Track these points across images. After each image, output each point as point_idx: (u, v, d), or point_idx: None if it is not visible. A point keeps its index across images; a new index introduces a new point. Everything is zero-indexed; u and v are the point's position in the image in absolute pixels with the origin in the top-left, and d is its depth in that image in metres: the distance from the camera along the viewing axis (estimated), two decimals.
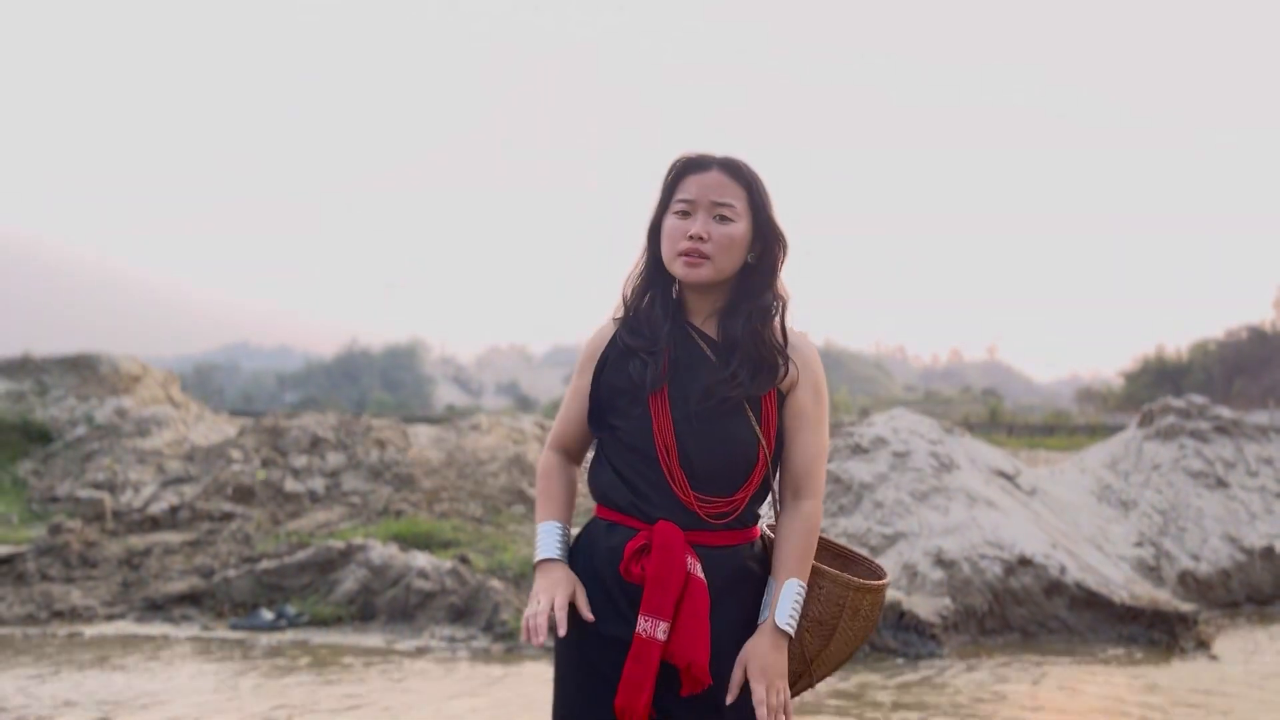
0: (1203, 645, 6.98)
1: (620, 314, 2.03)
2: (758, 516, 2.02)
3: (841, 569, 2.07)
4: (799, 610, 1.90)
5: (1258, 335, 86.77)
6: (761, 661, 1.86)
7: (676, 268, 1.94)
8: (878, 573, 2.06)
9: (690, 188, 1.95)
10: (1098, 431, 33.86)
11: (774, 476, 2.02)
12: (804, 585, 1.91)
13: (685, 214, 1.94)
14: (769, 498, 2.03)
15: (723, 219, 1.93)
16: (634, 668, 1.81)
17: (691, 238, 1.91)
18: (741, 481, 1.93)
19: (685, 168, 1.98)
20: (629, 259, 2.05)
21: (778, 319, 1.98)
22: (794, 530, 1.93)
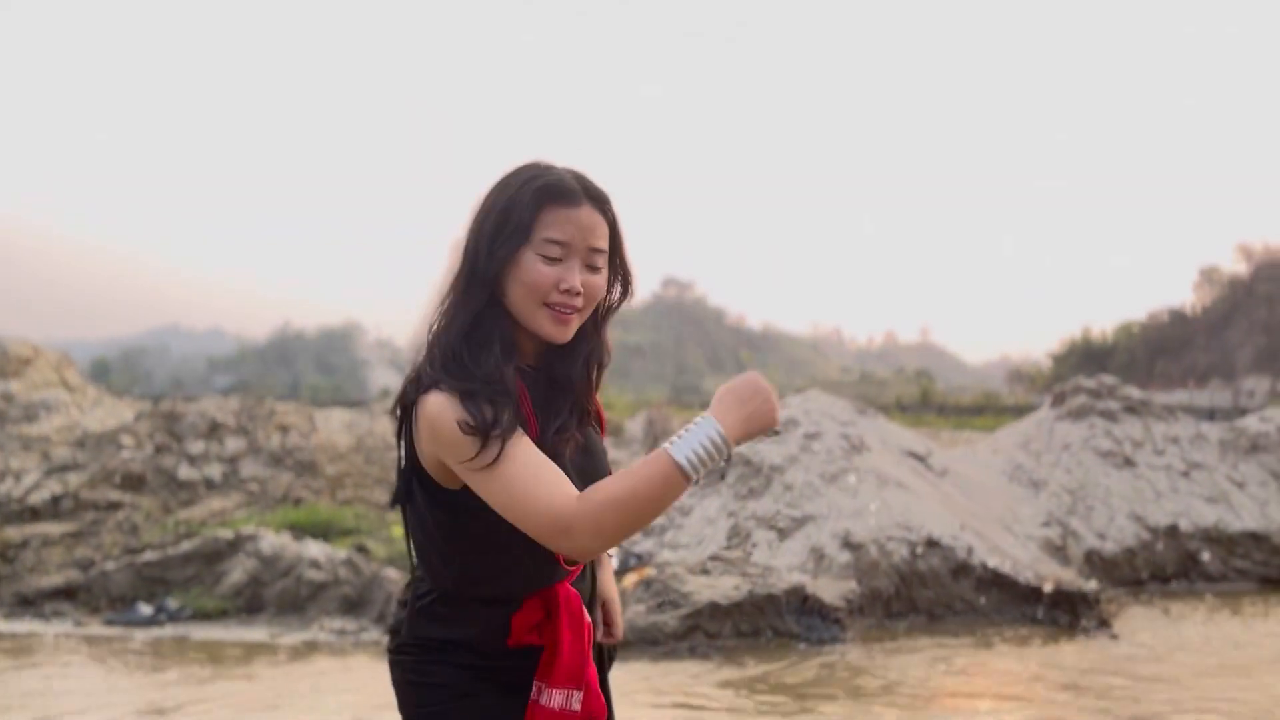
0: (1104, 624, 6.98)
1: (442, 360, 1.60)
2: None
3: None
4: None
5: (1178, 317, 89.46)
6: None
7: (540, 321, 1.62)
8: None
9: (561, 226, 1.60)
10: (1025, 411, 34.54)
11: None
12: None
13: (554, 260, 1.60)
14: None
15: (592, 268, 1.64)
16: None
17: (566, 291, 1.60)
18: None
19: (550, 195, 1.61)
20: None
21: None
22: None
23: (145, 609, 6.61)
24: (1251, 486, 9.69)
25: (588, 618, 1.71)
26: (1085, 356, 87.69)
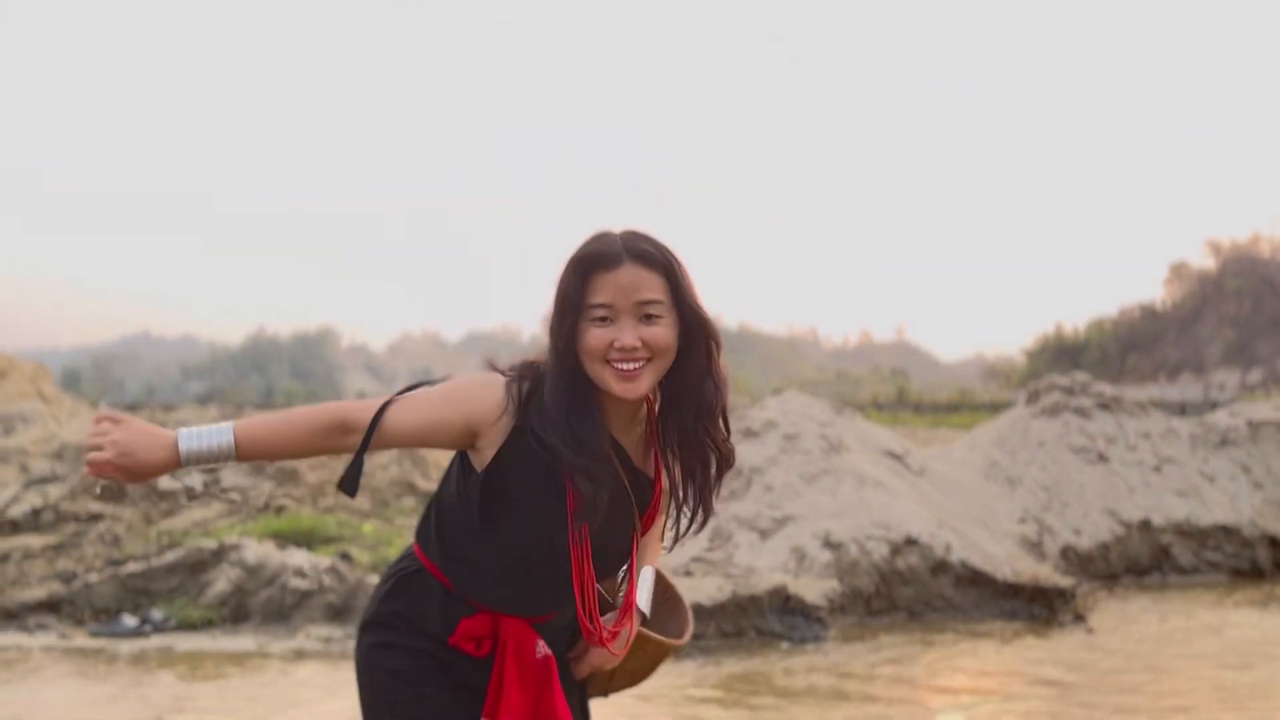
0: (1079, 618, 7.13)
1: (522, 417, 1.72)
2: None
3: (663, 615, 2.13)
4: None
5: (1149, 313, 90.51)
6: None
7: (608, 380, 1.69)
8: (683, 628, 2.11)
9: (603, 290, 1.69)
10: (1000, 408, 34.86)
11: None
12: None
13: (605, 320, 1.69)
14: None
15: (649, 318, 1.69)
16: None
17: (621, 349, 1.67)
18: None
19: (590, 266, 1.70)
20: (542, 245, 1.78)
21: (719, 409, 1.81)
22: (653, 546, 2.01)
23: (130, 620, 6.61)
24: (1222, 480, 9.89)
25: (543, 651, 1.81)
26: (1058, 353, 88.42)
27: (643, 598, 1.94)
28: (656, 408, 1.82)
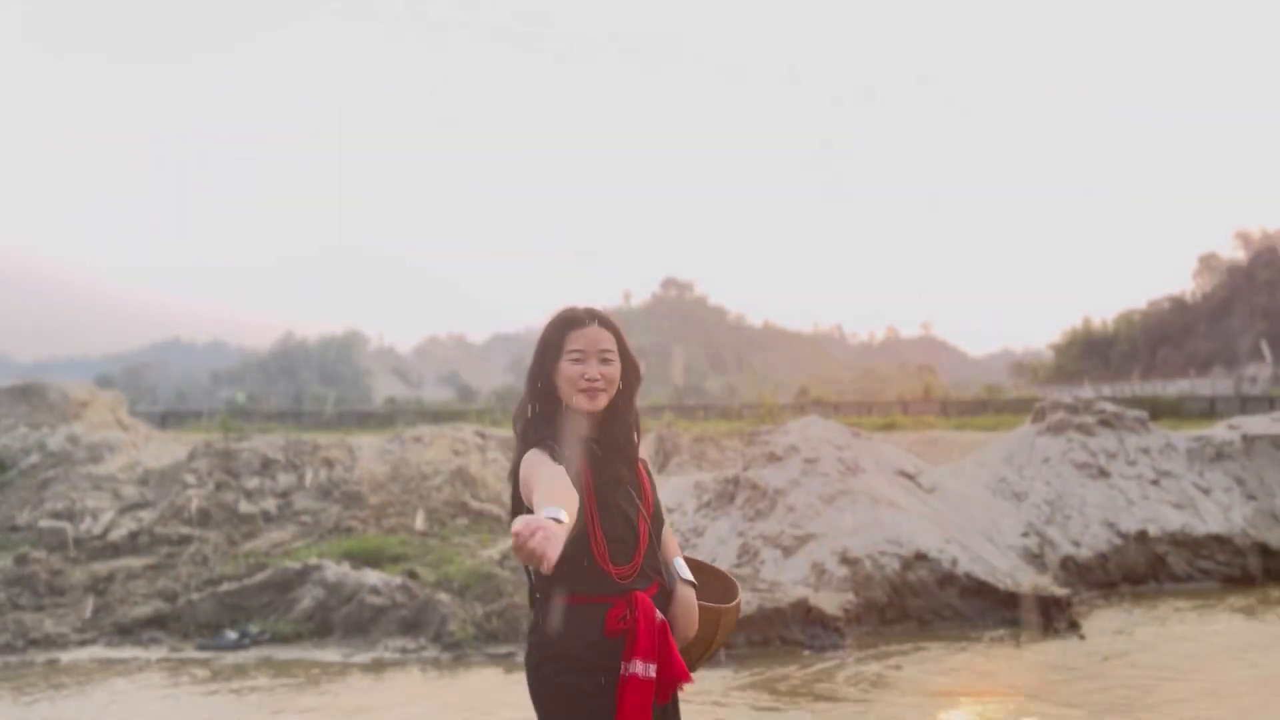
0: (1073, 625, 7.89)
1: (543, 442, 2.58)
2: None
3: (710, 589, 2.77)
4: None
5: (1179, 305, 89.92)
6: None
7: (579, 400, 2.54)
8: (732, 594, 2.79)
9: (578, 340, 2.56)
10: (1027, 404, 35.33)
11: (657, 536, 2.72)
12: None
13: (578, 360, 2.55)
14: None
15: (605, 360, 2.57)
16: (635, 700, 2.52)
17: (588, 379, 2.54)
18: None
19: (569, 324, 2.59)
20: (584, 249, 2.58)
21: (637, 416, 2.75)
22: (671, 541, 2.77)
23: (231, 634, 7.54)
24: (1216, 492, 10.60)
25: (660, 616, 2.57)
26: (1087, 347, 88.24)
27: (683, 570, 2.66)
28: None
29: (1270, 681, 6.47)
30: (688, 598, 2.65)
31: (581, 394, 2.57)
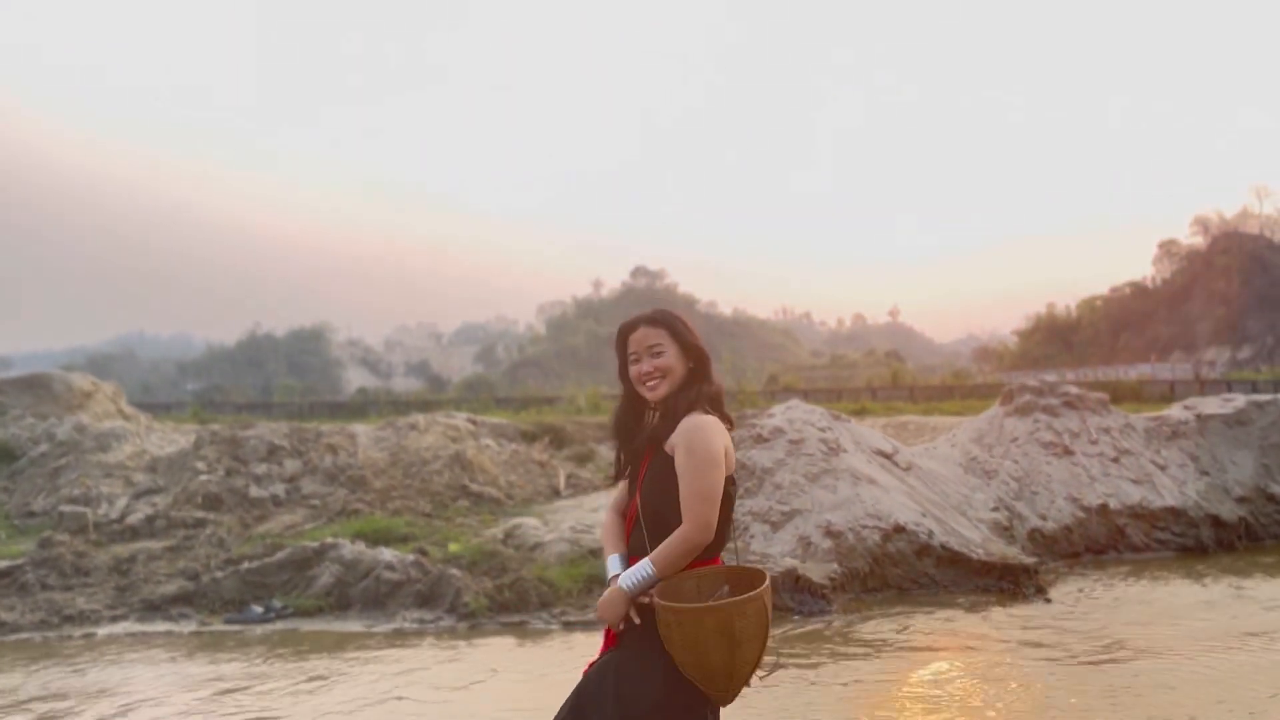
0: (1040, 590, 8.54)
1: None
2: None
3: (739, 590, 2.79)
4: (640, 579, 2.73)
5: (1139, 291, 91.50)
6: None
7: (644, 394, 2.94)
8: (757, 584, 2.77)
9: (631, 344, 2.97)
10: (992, 389, 36.28)
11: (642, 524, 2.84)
12: (654, 567, 2.74)
13: (636, 360, 2.95)
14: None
15: (656, 354, 2.93)
16: None
17: (643, 374, 2.93)
18: None
19: (623, 333, 3.02)
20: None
21: (694, 398, 3.02)
22: (670, 540, 2.77)
23: (257, 608, 8.00)
24: (1172, 468, 11.30)
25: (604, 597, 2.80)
26: (1051, 332, 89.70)
27: (626, 573, 2.74)
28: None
29: (1203, 635, 7.14)
30: (609, 593, 2.78)
31: (643, 388, 3.00)
